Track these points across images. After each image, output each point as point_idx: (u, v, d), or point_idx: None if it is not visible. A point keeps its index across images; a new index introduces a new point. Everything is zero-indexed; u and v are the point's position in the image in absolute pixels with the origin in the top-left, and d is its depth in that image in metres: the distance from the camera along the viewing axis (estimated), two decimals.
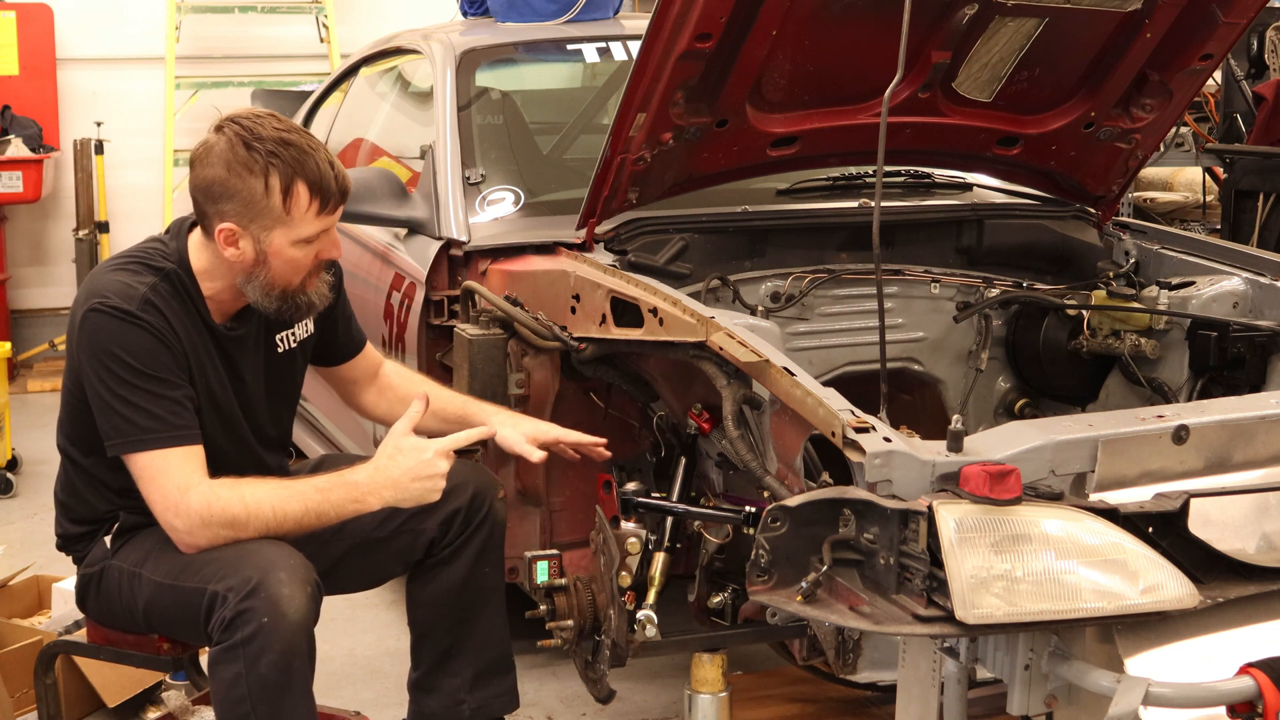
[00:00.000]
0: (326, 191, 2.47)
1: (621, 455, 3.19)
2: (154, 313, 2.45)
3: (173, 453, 2.42)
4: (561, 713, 3.41)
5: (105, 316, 2.42)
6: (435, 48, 4.04)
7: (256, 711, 2.35)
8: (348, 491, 2.46)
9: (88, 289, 2.48)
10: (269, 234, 2.46)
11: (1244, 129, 6.46)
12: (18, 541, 4.58)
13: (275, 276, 2.50)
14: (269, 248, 2.47)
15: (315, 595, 2.41)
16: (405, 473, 2.47)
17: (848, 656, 2.56)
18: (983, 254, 3.57)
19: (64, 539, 2.68)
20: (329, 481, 2.48)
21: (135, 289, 2.45)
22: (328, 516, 2.46)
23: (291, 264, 2.50)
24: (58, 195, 7.61)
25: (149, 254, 2.53)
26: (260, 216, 2.44)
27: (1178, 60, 3.32)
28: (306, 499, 2.45)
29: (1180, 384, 3.29)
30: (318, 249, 2.52)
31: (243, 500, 2.43)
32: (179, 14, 7.70)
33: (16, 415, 5.69)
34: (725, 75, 3.01)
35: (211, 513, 2.41)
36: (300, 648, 2.36)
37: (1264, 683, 2.02)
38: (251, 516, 2.42)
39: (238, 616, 2.33)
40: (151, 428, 2.41)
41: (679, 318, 2.71)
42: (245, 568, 2.37)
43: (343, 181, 2.51)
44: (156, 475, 2.42)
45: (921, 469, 2.22)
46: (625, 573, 2.65)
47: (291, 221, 2.45)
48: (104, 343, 2.42)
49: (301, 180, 2.44)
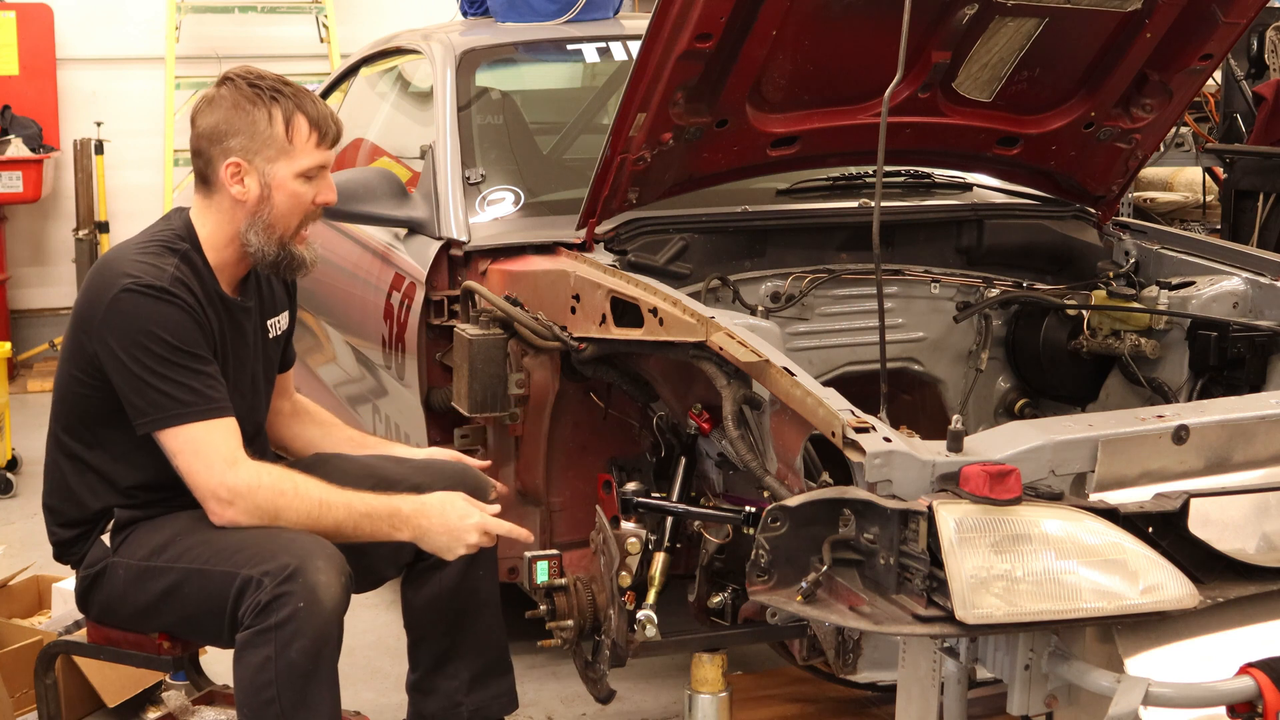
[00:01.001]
0: (324, 125, 2.60)
1: (621, 455, 3.19)
2: (185, 290, 2.51)
3: (215, 425, 2.47)
4: (561, 713, 3.42)
5: (140, 296, 2.46)
6: (435, 48, 4.04)
7: (282, 697, 2.36)
8: (389, 517, 2.55)
9: (112, 272, 2.51)
10: (273, 165, 2.57)
11: (1244, 129, 6.46)
12: (18, 541, 4.58)
13: (277, 215, 2.59)
14: (273, 180, 2.58)
15: (348, 585, 2.45)
16: (442, 524, 2.56)
17: (848, 656, 2.56)
18: (983, 254, 3.57)
19: (59, 546, 2.68)
20: (376, 501, 2.57)
21: (164, 269, 2.51)
22: (362, 531, 2.54)
23: (293, 199, 2.59)
24: (58, 195, 7.61)
25: (164, 236, 2.60)
26: (265, 148, 2.56)
27: (1178, 60, 3.32)
28: (352, 509, 2.53)
29: (1180, 384, 3.29)
30: (316, 190, 2.62)
31: (293, 482, 2.50)
32: (179, 14, 7.70)
33: (16, 415, 5.69)
34: (725, 75, 3.01)
35: (260, 485, 2.46)
36: (331, 636, 2.40)
37: (1264, 683, 2.02)
38: (295, 504, 2.48)
39: (274, 600, 2.35)
40: (192, 402, 2.46)
41: (679, 318, 2.71)
42: (281, 554, 2.39)
43: (337, 122, 2.65)
44: (200, 449, 2.46)
45: (921, 469, 2.21)
46: (625, 573, 2.65)
47: (293, 152, 2.57)
48: (140, 322, 2.46)
49: (301, 113, 2.57)
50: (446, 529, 2.56)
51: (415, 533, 2.55)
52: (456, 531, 2.56)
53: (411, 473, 2.81)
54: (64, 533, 2.66)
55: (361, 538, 2.56)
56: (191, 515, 2.55)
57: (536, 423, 3.20)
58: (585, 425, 3.24)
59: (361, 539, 2.56)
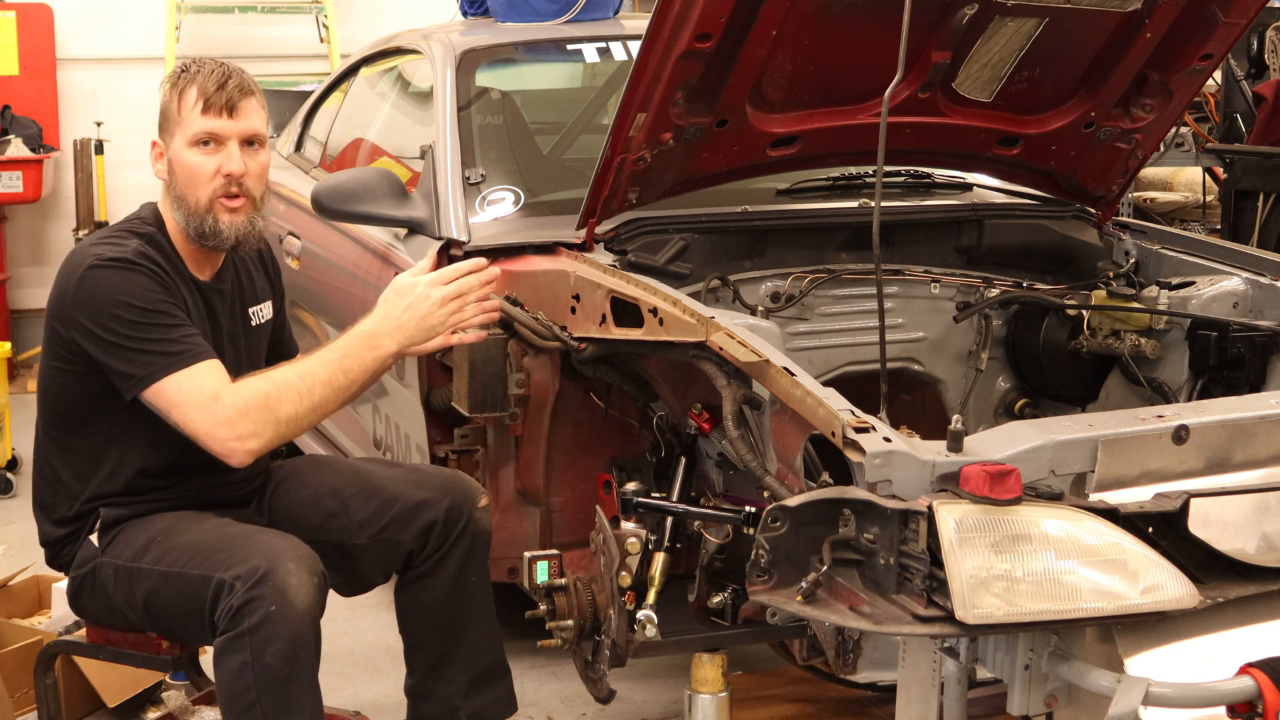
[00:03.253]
0: (209, 93, 2.59)
1: (621, 455, 3.19)
2: (149, 261, 2.54)
3: (196, 369, 2.49)
4: (561, 713, 3.42)
5: (104, 270, 2.50)
6: (435, 48, 4.04)
7: (262, 701, 2.35)
8: (361, 342, 2.57)
9: (77, 258, 2.56)
10: (173, 140, 2.62)
11: (1244, 129, 6.46)
12: (18, 541, 4.59)
13: (183, 187, 2.61)
14: (174, 154, 2.62)
15: (322, 586, 2.43)
16: (404, 310, 2.57)
17: (848, 656, 2.56)
18: (983, 254, 3.57)
19: (49, 547, 2.70)
20: (341, 341, 2.58)
21: (125, 246, 2.55)
22: (352, 371, 2.55)
23: (189, 170, 2.60)
24: (58, 195, 7.60)
25: (127, 224, 2.66)
26: (168, 125, 2.63)
27: (1178, 60, 3.32)
28: (328, 362, 2.54)
29: (1180, 384, 3.29)
30: (218, 162, 2.60)
31: (269, 379, 2.52)
32: (179, 14, 7.69)
33: (16, 415, 5.69)
34: (725, 75, 3.01)
35: (245, 400, 2.47)
36: (307, 637, 2.38)
37: (1264, 683, 2.02)
38: (282, 389, 2.49)
39: (245, 605, 2.34)
40: (172, 353, 2.48)
41: (679, 318, 2.71)
42: (253, 556, 2.39)
43: (236, 89, 2.60)
44: (186, 394, 2.47)
45: (921, 469, 2.21)
46: (625, 573, 2.65)
47: (181, 122, 2.60)
48: (108, 293, 2.49)
49: (194, 86, 2.60)
50: (415, 312, 2.56)
51: (396, 339, 2.56)
52: (417, 306, 2.57)
53: (401, 478, 2.82)
54: (54, 531, 2.67)
55: (359, 382, 2.56)
56: (175, 515, 2.57)
57: (536, 423, 3.20)
58: (585, 425, 3.24)
59: (360, 383, 2.56)
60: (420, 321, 2.58)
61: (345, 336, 2.59)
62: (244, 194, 2.62)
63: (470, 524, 2.77)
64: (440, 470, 2.86)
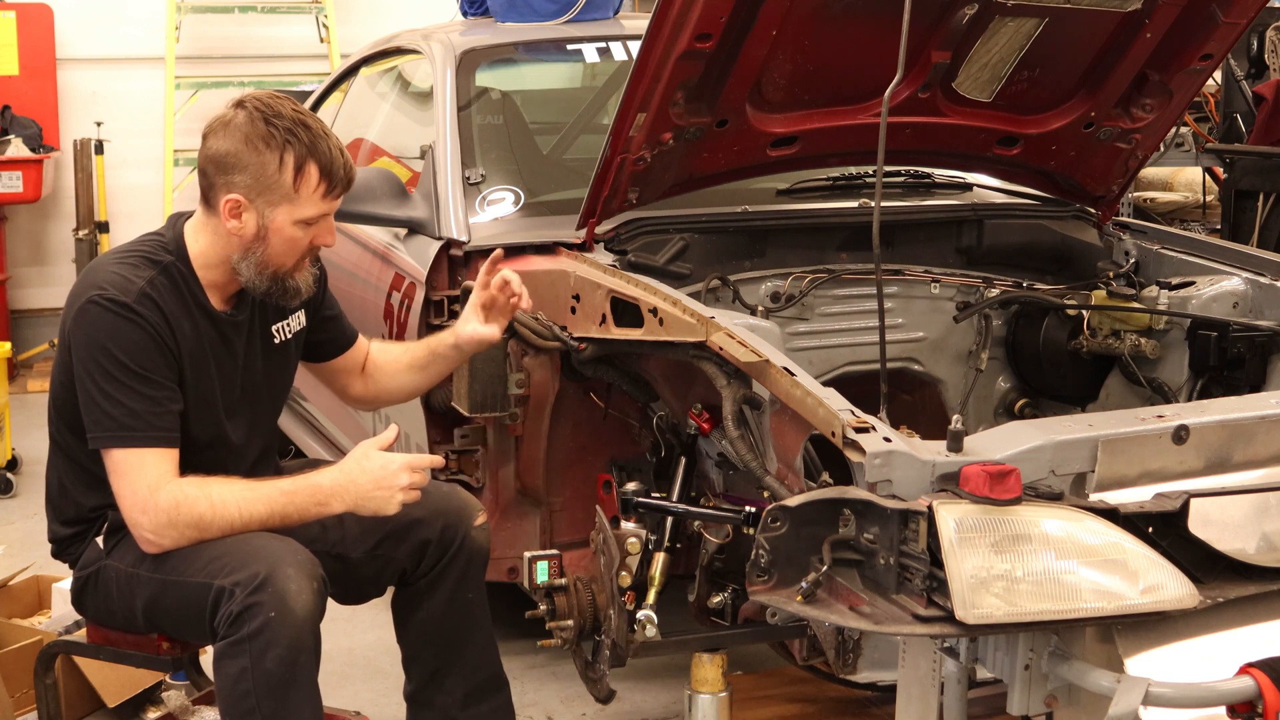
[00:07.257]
0: (334, 176, 2.53)
1: (621, 455, 3.19)
2: (150, 307, 2.48)
3: (149, 452, 2.44)
4: (561, 713, 3.41)
5: (101, 310, 2.45)
6: (435, 48, 4.04)
7: (262, 707, 2.35)
8: (312, 494, 2.50)
9: (87, 280, 2.52)
10: (274, 210, 2.51)
11: (1244, 129, 6.47)
12: (18, 541, 4.58)
13: (271, 254, 2.55)
14: (271, 223, 2.52)
15: (321, 591, 2.43)
16: (369, 480, 2.50)
17: (848, 656, 2.56)
18: (983, 254, 3.57)
19: (56, 543, 2.69)
20: (294, 484, 2.51)
21: (133, 283, 2.48)
22: (291, 519, 2.50)
23: (289, 244, 2.55)
24: (58, 195, 7.61)
25: (148, 247, 2.57)
26: (268, 191, 2.50)
27: (1178, 60, 3.32)
28: (272, 501, 2.48)
29: (1180, 384, 3.29)
30: (315, 233, 2.57)
31: (209, 499, 2.45)
32: (179, 14, 7.70)
33: (16, 415, 5.69)
34: (725, 75, 3.01)
35: (179, 512, 2.43)
36: (307, 643, 2.38)
37: (1264, 683, 2.02)
38: (217, 516, 2.45)
39: (245, 611, 2.34)
40: (132, 425, 2.44)
41: (679, 318, 2.71)
42: (252, 562, 2.38)
43: (349, 170, 2.58)
44: (129, 471, 2.44)
45: (921, 469, 2.21)
46: (625, 573, 2.65)
47: (298, 200, 2.51)
48: (97, 336, 2.45)
49: (314, 161, 2.50)
50: (375, 484, 2.49)
51: (346, 502, 2.50)
52: (385, 482, 2.49)
53: None
54: (62, 529, 2.66)
55: (295, 524, 2.51)
56: None
57: (536, 423, 3.20)
58: (585, 425, 3.24)
59: (296, 524, 2.52)
60: (379, 502, 2.50)
61: (299, 481, 2.52)
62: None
63: (466, 543, 2.76)
64: (437, 487, 2.80)
